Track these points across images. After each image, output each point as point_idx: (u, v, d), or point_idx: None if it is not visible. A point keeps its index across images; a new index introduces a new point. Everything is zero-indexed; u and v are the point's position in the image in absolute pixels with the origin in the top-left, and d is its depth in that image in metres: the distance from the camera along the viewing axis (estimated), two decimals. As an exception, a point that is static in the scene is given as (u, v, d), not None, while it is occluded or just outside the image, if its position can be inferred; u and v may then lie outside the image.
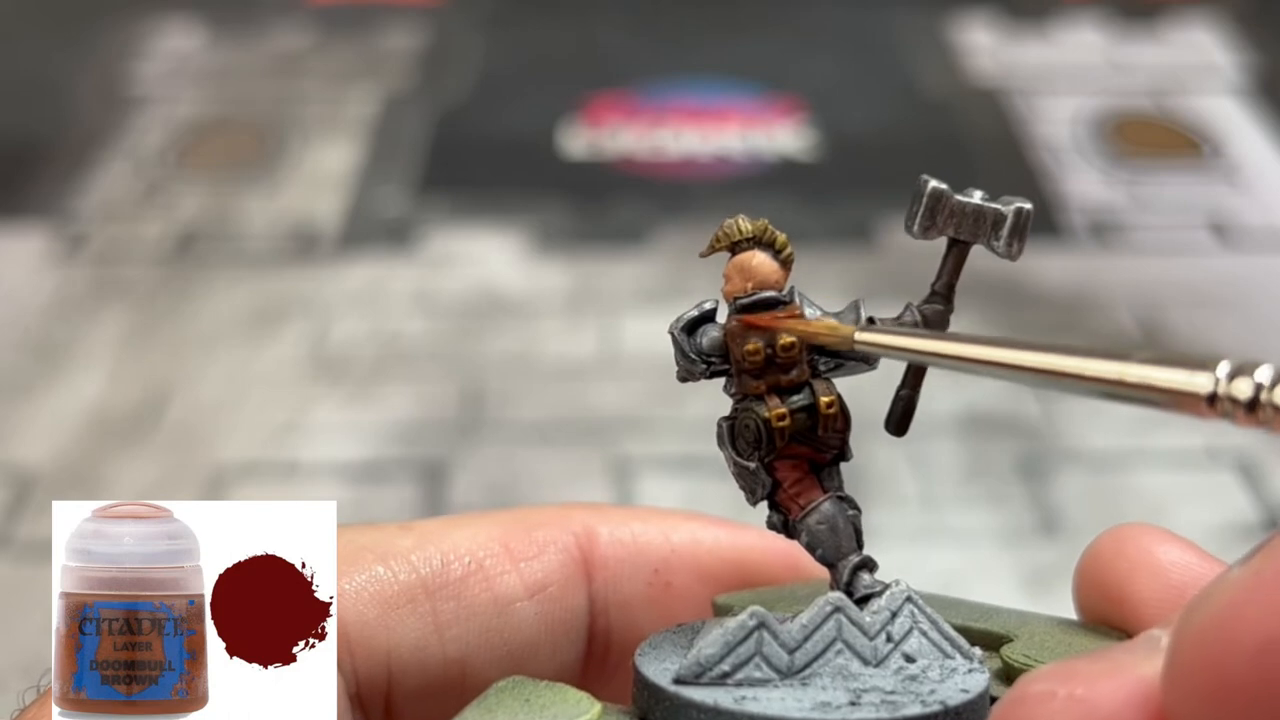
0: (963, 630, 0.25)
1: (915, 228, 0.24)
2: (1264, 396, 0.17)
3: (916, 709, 0.22)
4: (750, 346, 0.24)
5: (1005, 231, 0.24)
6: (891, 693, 0.22)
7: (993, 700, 0.23)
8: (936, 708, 0.22)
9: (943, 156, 0.80)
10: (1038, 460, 0.59)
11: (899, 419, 0.25)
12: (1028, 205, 0.24)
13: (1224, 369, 0.17)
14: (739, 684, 0.22)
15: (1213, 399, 0.17)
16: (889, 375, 0.26)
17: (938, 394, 0.63)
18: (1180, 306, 0.69)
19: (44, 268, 0.72)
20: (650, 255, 0.72)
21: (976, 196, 0.24)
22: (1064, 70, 0.89)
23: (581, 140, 0.82)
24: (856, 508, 0.25)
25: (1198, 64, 0.90)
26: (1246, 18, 0.94)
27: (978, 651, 0.24)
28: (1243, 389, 0.17)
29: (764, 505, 0.25)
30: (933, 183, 0.24)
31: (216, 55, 0.91)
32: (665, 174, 0.80)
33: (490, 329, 0.67)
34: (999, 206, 0.24)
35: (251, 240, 0.74)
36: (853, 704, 0.22)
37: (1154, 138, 0.83)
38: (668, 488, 0.57)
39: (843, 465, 0.25)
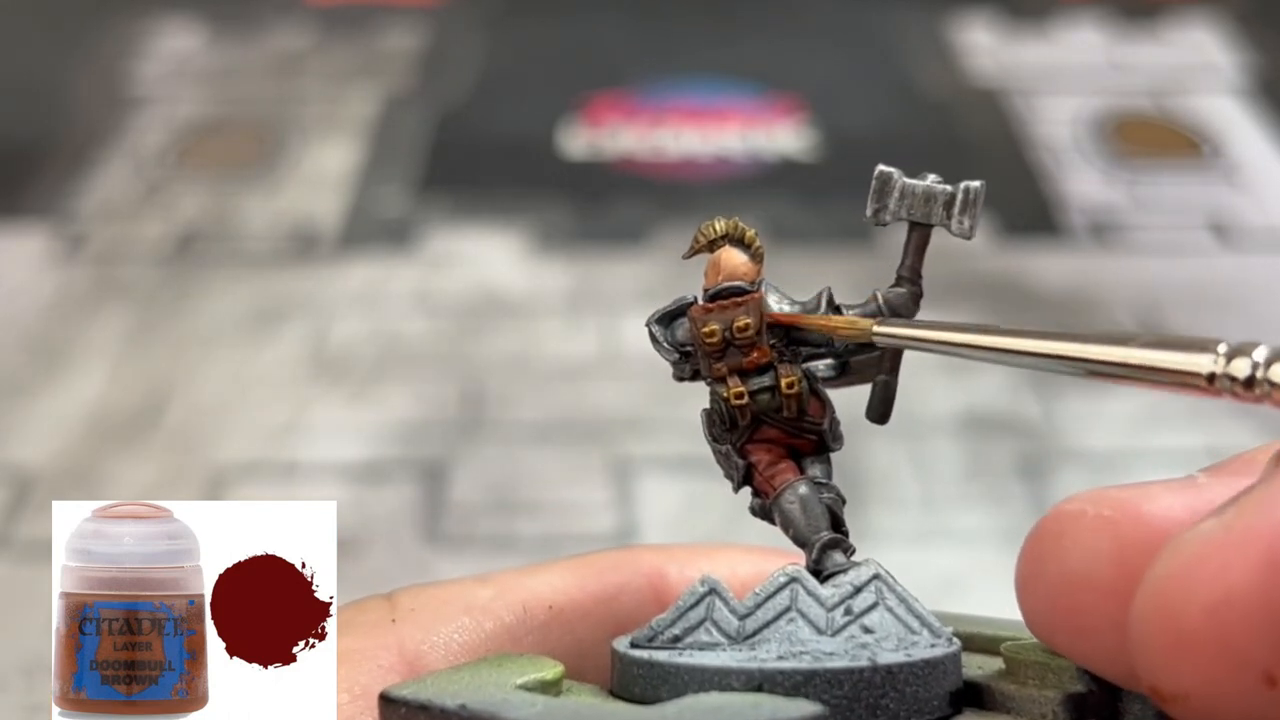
0: (968, 636, 0.24)
1: (867, 210, 0.25)
2: (1260, 374, 0.18)
3: (844, 663, 0.21)
4: (707, 329, 0.24)
5: (956, 209, 0.24)
6: (830, 654, 0.22)
7: (966, 685, 0.22)
8: (865, 663, 0.21)
9: (943, 156, 0.80)
10: (1038, 460, 0.59)
11: (879, 406, 0.25)
12: (976, 183, 0.24)
13: (1223, 349, 0.18)
14: (687, 647, 0.22)
15: (1212, 378, 0.18)
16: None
17: (938, 394, 0.63)
18: (1180, 306, 0.69)
19: (44, 268, 0.72)
20: (650, 255, 0.72)
21: (929, 179, 0.24)
22: (1064, 70, 0.89)
23: (581, 140, 0.82)
24: (838, 494, 0.24)
25: (1198, 64, 0.90)
26: (1246, 18, 0.94)
27: (948, 631, 0.23)
28: (1241, 368, 0.18)
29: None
30: (881, 166, 0.25)
31: (216, 55, 0.91)
32: (665, 174, 0.80)
33: (490, 329, 0.67)
34: (948, 186, 0.24)
35: (251, 240, 0.74)
36: (780, 658, 0.21)
37: (1154, 138, 0.83)
38: (668, 488, 0.57)
39: (841, 464, 0.25)
